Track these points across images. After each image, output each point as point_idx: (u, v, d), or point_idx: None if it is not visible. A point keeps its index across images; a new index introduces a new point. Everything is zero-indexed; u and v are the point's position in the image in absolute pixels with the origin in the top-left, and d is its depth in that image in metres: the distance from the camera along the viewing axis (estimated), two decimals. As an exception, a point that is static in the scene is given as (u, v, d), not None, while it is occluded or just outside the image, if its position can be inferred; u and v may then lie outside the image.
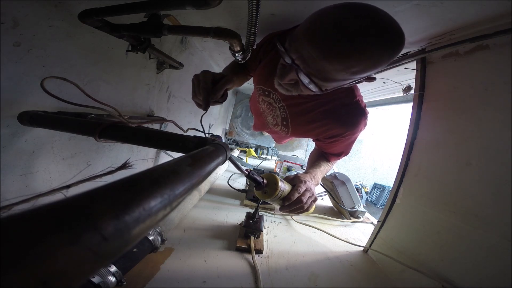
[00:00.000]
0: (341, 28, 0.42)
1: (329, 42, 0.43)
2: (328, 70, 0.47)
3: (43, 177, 0.61)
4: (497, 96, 0.66)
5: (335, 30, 0.42)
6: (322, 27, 0.43)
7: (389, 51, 0.45)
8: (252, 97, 1.13)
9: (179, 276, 0.72)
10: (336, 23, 0.42)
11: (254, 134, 2.80)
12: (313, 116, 0.80)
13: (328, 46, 0.43)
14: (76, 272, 0.12)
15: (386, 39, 0.43)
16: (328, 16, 0.43)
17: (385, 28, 0.43)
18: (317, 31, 0.44)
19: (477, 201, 0.67)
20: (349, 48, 0.42)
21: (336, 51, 0.43)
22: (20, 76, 0.51)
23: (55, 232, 0.11)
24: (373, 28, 0.42)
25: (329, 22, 0.43)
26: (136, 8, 0.51)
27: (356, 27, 0.41)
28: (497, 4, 0.58)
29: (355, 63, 0.45)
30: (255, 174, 0.57)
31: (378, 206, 4.29)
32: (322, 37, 0.43)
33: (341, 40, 0.42)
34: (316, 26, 0.44)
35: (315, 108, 0.78)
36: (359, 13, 0.42)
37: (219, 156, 0.39)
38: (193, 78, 0.64)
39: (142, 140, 0.46)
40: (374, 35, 0.42)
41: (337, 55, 0.44)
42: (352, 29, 0.41)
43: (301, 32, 0.47)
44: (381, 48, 0.44)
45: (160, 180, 0.20)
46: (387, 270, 0.91)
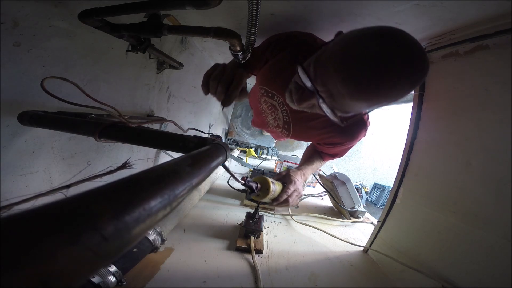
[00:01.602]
0: (380, 71, 0.38)
1: (366, 86, 0.39)
2: (354, 107, 0.45)
3: (43, 177, 0.61)
4: (497, 96, 0.66)
5: (373, 73, 0.38)
6: (358, 66, 0.38)
7: (414, 87, 0.44)
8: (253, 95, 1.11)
9: (179, 276, 0.72)
10: (374, 64, 0.37)
11: (254, 134, 2.80)
12: (316, 124, 0.80)
13: (363, 89, 0.40)
14: (76, 272, 0.12)
15: (417, 82, 0.42)
16: (365, 51, 0.38)
17: (420, 71, 0.41)
18: (352, 69, 0.39)
19: (477, 201, 0.67)
20: (385, 92, 0.40)
21: (372, 95, 0.40)
22: (20, 76, 0.51)
23: (55, 232, 0.11)
24: (412, 75, 0.39)
25: (366, 60, 0.38)
26: (136, 8, 0.51)
27: (396, 72, 0.38)
28: (497, 4, 0.58)
29: (383, 101, 0.43)
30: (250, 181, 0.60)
31: (378, 206, 4.29)
32: (357, 78, 0.39)
33: (379, 86, 0.39)
34: (351, 63, 0.39)
35: (319, 117, 0.78)
36: (400, 52, 0.38)
37: (219, 156, 0.39)
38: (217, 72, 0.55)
39: (142, 140, 0.46)
40: (411, 81, 0.40)
41: (371, 97, 0.41)
42: (393, 75, 0.38)
43: (332, 65, 0.42)
44: (410, 88, 0.43)
45: (160, 180, 0.20)
46: (387, 270, 0.91)
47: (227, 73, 0.53)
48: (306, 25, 0.90)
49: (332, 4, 0.72)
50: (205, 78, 0.55)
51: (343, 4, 0.71)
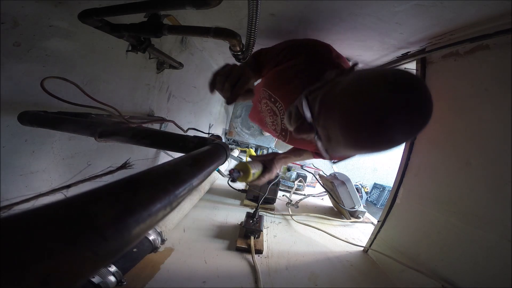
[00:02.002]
0: (383, 134, 0.36)
1: (364, 143, 0.38)
2: (348, 153, 0.44)
3: (43, 177, 0.61)
4: (497, 96, 0.66)
5: (373, 131, 0.36)
6: (361, 124, 0.36)
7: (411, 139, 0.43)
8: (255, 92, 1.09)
9: (179, 276, 0.72)
10: (377, 123, 0.35)
11: (254, 134, 2.80)
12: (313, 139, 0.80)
13: (362, 145, 0.39)
14: (76, 272, 0.12)
15: (414, 134, 0.40)
16: (370, 106, 0.36)
17: (420, 130, 0.39)
18: (354, 126, 0.37)
19: (477, 201, 0.67)
20: (381, 149, 0.39)
21: (367, 149, 0.39)
22: (20, 76, 0.51)
23: (55, 232, 0.11)
24: (415, 130, 0.37)
25: (371, 121, 0.36)
26: (136, 8, 0.51)
27: (399, 134, 0.36)
28: (497, 4, 0.58)
29: (376, 153, 0.41)
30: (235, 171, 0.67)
31: (378, 206, 4.28)
32: (359, 136, 0.37)
33: (377, 145, 0.38)
34: (356, 120, 0.37)
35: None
36: (408, 118, 0.35)
37: (219, 156, 0.39)
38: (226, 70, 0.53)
39: (142, 140, 0.46)
40: (410, 135, 0.38)
41: (365, 150, 0.40)
42: (394, 138, 0.37)
43: (337, 114, 0.40)
44: (408, 140, 0.42)
45: (160, 180, 0.20)
46: (387, 270, 0.91)
47: (235, 71, 0.52)
48: (306, 25, 0.90)
49: (332, 4, 0.72)
50: (213, 76, 0.54)
51: (343, 4, 0.71)
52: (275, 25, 0.93)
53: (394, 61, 1.06)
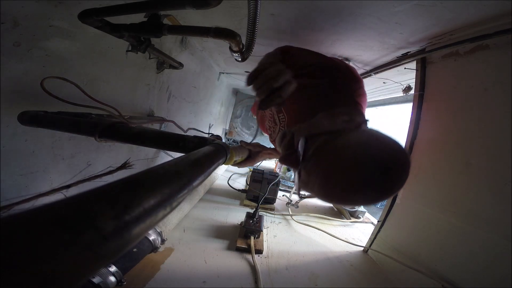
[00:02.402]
0: (351, 201, 0.40)
1: (333, 198, 0.43)
2: (317, 197, 0.48)
3: (43, 177, 0.61)
4: (497, 96, 0.66)
5: (345, 196, 0.40)
6: (337, 190, 0.40)
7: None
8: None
9: (179, 276, 0.72)
10: (350, 189, 0.39)
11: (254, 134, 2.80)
12: None
13: (330, 199, 0.43)
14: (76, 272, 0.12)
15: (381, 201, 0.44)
16: (352, 179, 0.39)
17: (389, 196, 0.43)
18: (332, 189, 0.41)
19: (478, 201, 0.67)
20: (347, 205, 0.44)
21: (334, 202, 0.45)
22: (20, 76, 0.51)
23: (55, 232, 0.11)
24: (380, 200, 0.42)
25: (346, 189, 0.39)
26: (136, 8, 0.51)
27: (367, 199, 0.40)
28: (497, 4, 0.58)
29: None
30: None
31: (378, 206, 4.28)
32: (331, 196, 0.42)
33: (346, 203, 0.42)
34: (335, 181, 0.41)
35: None
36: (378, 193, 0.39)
37: (219, 156, 0.39)
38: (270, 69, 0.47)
39: (142, 140, 0.46)
40: (375, 203, 0.42)
41: (333, 203, 0.45)
42: (363, 200, 0.40)
43: (322, 167, 0.43)
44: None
45: (160, 180, 0.20)
46: (387, 270, 0.91)
47: (282, 77, 0.46)
48: (306, 25, 0.90)
49: (332, 4, 0.72)
50: (258, 70, 0.49)
51: (344, 4, 0.71)
52: (275, 25, 0.93)
53: (394, 61, 1.06)
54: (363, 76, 1.36)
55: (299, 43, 1.10)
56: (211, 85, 1.91)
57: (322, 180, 0.42)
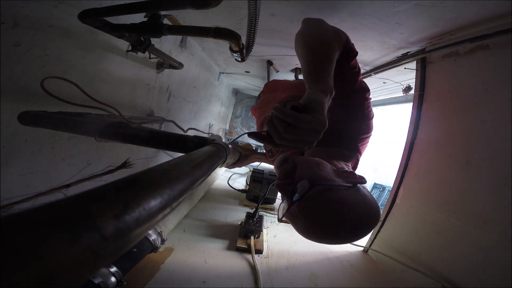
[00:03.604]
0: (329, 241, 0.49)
1: (316, 240, 0.48)
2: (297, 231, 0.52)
3: (43, 177, 0.61)
4: (497, 96, 0.66)
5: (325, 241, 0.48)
6: (319, 235, 0.47)
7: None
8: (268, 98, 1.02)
9: (179, 276, 0.72)
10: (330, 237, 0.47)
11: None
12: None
13: (313, 240, 0.48)
14: (76, 272, 0.12)
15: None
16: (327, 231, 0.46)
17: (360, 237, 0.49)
18: (312, 236, 0.48)
19: (477, 201, 0.67)
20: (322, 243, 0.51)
21: (312, 240, 0.48)
22: (20, 76, 0.51)
23: (55, 232, 0.11)
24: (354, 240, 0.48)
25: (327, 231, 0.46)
26: (136, 8, 0.51)
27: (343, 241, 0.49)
28: (497, 4, 0.58)
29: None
30: None
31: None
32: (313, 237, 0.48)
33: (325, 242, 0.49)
34: (316, 232, 0.48)
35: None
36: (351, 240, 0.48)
37: (219, 156, 0.39)
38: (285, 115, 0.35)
39: (142, 140, 0.46)
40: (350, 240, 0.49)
41: (311, 240, 0.49)
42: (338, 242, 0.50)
43: (311, 216, 0.47)
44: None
45: (160, 180, 0.20)
46: (387, 270, 0.91)
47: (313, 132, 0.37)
48: (306, 25, 0.90)
49: (332, 4, 0.72)
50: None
51: (343, 4, 0.71)
52: (275, 25, 0.93)
53: (394, 61, 1.06)
54: (363, 76, 1.36)
55: (299, 43, 1.10)
56: (211, 85, 1.91)
57: (309, 223, 0.47)
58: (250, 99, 2.81)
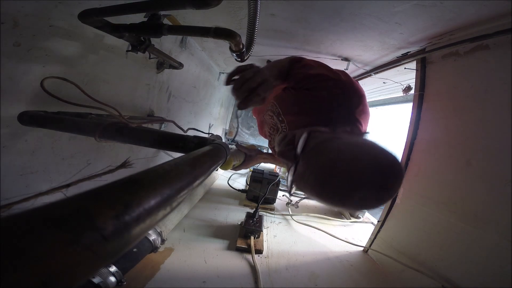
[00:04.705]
0: (346, 195, 0.40)
1: (327, 195, 0.42)
2: (309, 195, 0.47)
3: (43, 177, 0.61)
4: (497, 96, 0.66)
5: (340, 193, 0.40)
6: (334, 179, 0.40)
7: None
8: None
9: (179, 276, 0.72)
10: (345, 189, 0.39)
11: (254, 134, 2.80)
12: None
13: (324, 196, 0.42)
14: (76, 272, 0.12)
15: (379, 204, 0.43)
16: (348, 172, 0.39)
17: (382, 203, 0.41)
18: (328, 180, 0.41)
19: (477, 201, 0.67)
20: (339, 206, 0.43)
21: (327, 202, 0.43)
22: (20, 76, 0.51)
23: (55, 232, 0.11)
24: (375, 206, 0.41)
25: (342, 180, 0.39)
26: (136, 8, 0.51)
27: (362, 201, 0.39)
28: (497, 4, 0.58)
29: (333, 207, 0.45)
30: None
31: (378, 206, 4.29)
32: (326, 188, 0.41)
33: (338, 201, 0.41)
34: (332, 173, 0.41)
35: None
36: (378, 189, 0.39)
37: (219, 156, 0.39)
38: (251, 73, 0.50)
39: (142, 140, 0.46)
40: (369, 208, 0.43)
41: (325, 202, 0.43)
42: (352, 202, 0.40)
43: (320, 161, 0.43)
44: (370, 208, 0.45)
45: (160, 180, 0.20)
46: (387, 270, 0.91)
47: (258, 76, 0.49)
48: (306, 25, 0.90)
49: (332, 4, 0.72)
50: (235, 70, 0.52)
51: (343, 4, 0.71)
52: (275, 25, 0.93)
53: (394, 61, 1.06)
54: (363, 76, 1.36)
55: (299, 43, 1.10)
56: (211, 85, 1.91)
57: (320, 171, 0.41)
58: (250, 99, 2.80)
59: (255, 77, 0.48)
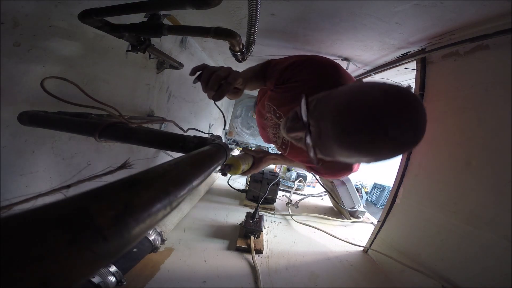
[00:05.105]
0: (368, 126, 0.37)
1: (351, 135, 0.39)
2: (335, 152, 0.44)
3: (43, 177, 0.61)
4: (497, 96, 0.66)
5: (362, 126, 0.38)
6: (351, 112, 0.39)
7: (400, 153, 0.42)
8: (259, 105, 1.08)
9: (179, 276, 0.72)
10: (366, 120, 0.37)
11: (254, 134, 2.80)
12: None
13: (347, 135, 0.40)
14: (76, 272, 0.12)
15: (406, 149, 0.40)
16: (361, 108, 0.38)
17: (411, 139, 0.39)
18: (344, 117, 0.40)
19: (477, 201, 0.67)
20: (367, 148, 0.39)
21: (354, 145, 0.40)
22: (20, 76, 0.51)
23: (55, 232, 0.11)
24: (400, 138, 0.38)
25: (359, 114, 0.38)
26: (136, 8, 0.51)
27: (385, 132, 0.37)
28: (497, 4, 0.58)
29: (364, 157, 0.42)
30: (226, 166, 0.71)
31: (378, 206, 4.29)
32: (346, 127, 0.39)
33: (363, 139, 0.38)
34: (347, 107, 0.40)
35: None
36: (395, 115, 0.37)
37: (219, 156, 0.39)
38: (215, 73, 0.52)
39: (142, 140, 0.46)
40: (397, 145, 0.39)
41: (353, 148, 0.40)
42: (379, 133, 0.37)
43: (331, 106, 0.42)
44: (397, 154, 0.41)
45: (160, 180, 0.20)
46: (387, 270, 0.91)
47: (223, 69, 0.51)
48: (306, 25, 0.90)
49: (332, 4, 0.72)
50: (201, 65, 0.53)
51: (343, 4, 0.71)
52: (275, 25, 0.93)
53: (394, 61, 1.06)
54: (363, 76, 1.36)
55: (299, 43, 1.10)
56: (211, 85, 1.91)
57: (335, 115, 0.40)
58: (250, 99, 2.81)
59: (221, 69, 0.51)
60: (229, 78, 0.50)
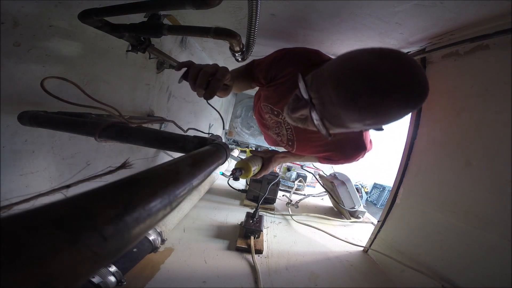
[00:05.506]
0: (369, 81, 0.38)
1: (354, 93, 0.40)
2: (343, 118, 0.44)
3: (43, 177, 0.61)
4: (497, 96, 0.66)
5: (363, 82, 0.39)
6: (350, 74, 0.40)
7: (409, 110, 0.43)
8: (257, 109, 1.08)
9: (179, 276, 0.72)
10: (366, 75, 0.39)
11: (254, 134, 2.80)
12: (318, 144, 0.79)
13: (351, 96, 0.40)
14: (76, 272, 0.12)
15: (412, 102, 0.40)
16: (360, 63, 0.40)
17: (414, 90, 0.40)
18: (343, 77, 0.41)
19: (477, 201, 0.67)
20: (372, 104, 0.40)
21: (358, 104, 0.40)
22: (20, 76, 0.51)
23: (55, 232, 0.11)
24: (402, 90, 0.38)
25: (358, 70, 0.39)
26: (136, 8, 0.51)
27: (385, 85, 0.38)
28: (497, 4, 0.58)
29: (372, 118, 0.42)
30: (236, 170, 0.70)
31: (378, 206, 4.29)
32: (347, 86, 0.40)
33: (366, 95, 0.39)
34: (344, 71, 0.41)
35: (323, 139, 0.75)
36: (393, 68, 0.38)
37: (219, 156, 0.39)
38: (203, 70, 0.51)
39: (142, 140, 0.46)
40: (401, 97, 0.39)
41: (358, 107, 0.41)
42: (380, 86, 0.38)
43: (328, 73, 0.43)
44: (405, 109, 0.41)
45: (160, 180, 0.20)
46: (387, 270, 0.91)
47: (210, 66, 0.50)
48: (306, 25, 0.90)
49: (332, 4, 0.72)
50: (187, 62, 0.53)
51: (343, 4, 0.71)
52: (275, 25, 0.93)
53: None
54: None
55: (299, 43, 1.10)
56: (211, 85, 1.91)
57: (334, 78, 0.41)
58: (250, 99, 2.81)
59: (208, 66, 0.50)
60: (217, 74, 0.49)
